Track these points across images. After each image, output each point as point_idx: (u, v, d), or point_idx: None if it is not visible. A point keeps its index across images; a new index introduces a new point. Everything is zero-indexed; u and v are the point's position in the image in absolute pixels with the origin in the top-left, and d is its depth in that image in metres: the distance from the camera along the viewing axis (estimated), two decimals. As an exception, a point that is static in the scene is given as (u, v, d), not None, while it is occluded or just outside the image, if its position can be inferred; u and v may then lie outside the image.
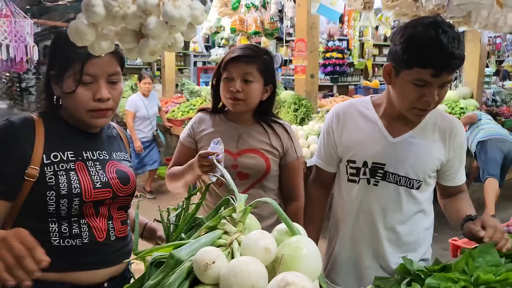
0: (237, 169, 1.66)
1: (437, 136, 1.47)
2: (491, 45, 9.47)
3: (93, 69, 1.18)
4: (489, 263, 1.19)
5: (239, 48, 1.68)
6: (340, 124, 1.55)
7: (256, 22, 4.72)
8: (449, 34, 1.23)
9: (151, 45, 0.68)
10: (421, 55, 1.25)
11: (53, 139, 1.21)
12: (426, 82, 1.28)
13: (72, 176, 1.19)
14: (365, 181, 1.50)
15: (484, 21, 4.48)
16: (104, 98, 1.20)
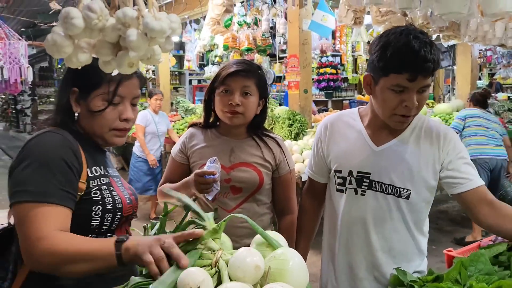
0: (230, 183, 1.65)
1: (423, 143, 1.45)
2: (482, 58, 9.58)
3: (124, 91, 1.21)
4: (482, 272, 1.18)
5: (234, 62, 1.68)
6: (328, 135, 1.58)
7: (248, 39, 4.77)
8: (421, 39, 1.26)
9: (131, 56, 0.68)
10: (395, 61, 1.28)
11: (88, 154, 1.21)
12: (403, 87, 1.30)
13: (112, 191, 1.20)
14: (352, 190, 1.50)
15: (473, 34, 4.55)
16: (130, 119, 1.24)
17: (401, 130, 1.46)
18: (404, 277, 1.30)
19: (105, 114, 1.20)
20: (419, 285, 1.21)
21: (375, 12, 3.93)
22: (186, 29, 7.52)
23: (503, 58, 8.59)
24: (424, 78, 1.28)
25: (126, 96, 1.23)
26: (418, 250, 1.54)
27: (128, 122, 1.24)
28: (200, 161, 1.69)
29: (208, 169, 1.52)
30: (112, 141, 1.25)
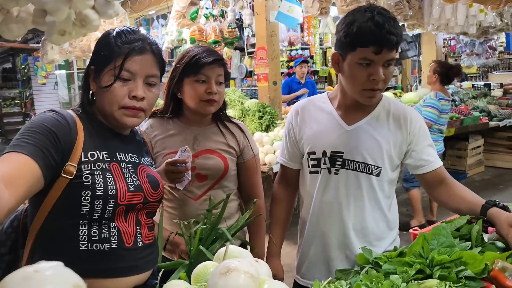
0: (195, 171, 1.64)
1: (391, 123, 1.50)
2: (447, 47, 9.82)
3: (133, 66, 1.18)
4: (443, 245, 1.20)
5: (205, 51, 1.64)
6: (299, 119, 1.60)
7: (215, 31, 4.72)
8: (384, 15, 1.33)
9: (48, 21, 0.64)
10: (361, 35, 1.33)
11: (90, 137, 1.18)
12: (370, 60, 1.35)
13: (108, 177, 1.15)
14: (326, 170, 1.52)
15: (437, 22, 4.65)
16: (139, 96, 1.18)
17: (370, 110, 1.51)
18: (370, 254, 1.31)
19: (113, 90, 1.17)
20: (384, 261, 1.22)
21: (340, 2, 3.96)
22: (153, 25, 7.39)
23: (466, 47, 8.82)
24: (389, 51, 1.33)
25: (138, 72, 1.19)
26: (389, 229, 1.58)
27: (139, 101, 1.19)
28: (163, 151, 1.67)
29: (179, 158, 1.51)
30: (123, 121, 1.20)
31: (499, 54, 10.60)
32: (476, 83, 9.32)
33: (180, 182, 1.54)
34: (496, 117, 6.49)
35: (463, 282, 1.04)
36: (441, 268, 1.10)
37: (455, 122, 5.71)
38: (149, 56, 1.21)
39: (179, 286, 0.93)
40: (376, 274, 1.11)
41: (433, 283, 1.04)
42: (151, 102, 1.24)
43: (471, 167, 6.59)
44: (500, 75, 10.26)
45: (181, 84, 1.64)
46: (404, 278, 1.06)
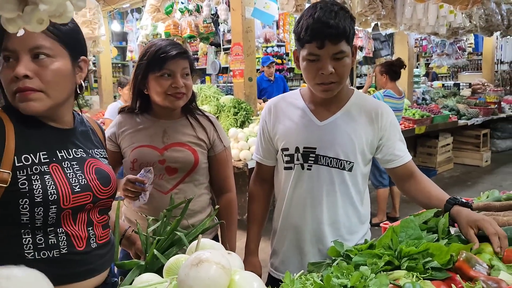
0: (164, 164, 1.62)
1: (363, 118, 1.51)
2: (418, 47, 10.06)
3: (11, 43, 1.02)
4: (412, 237, 1.23)
5: (167, 44, 1.61)
6: (273, 116, 1.60)
7: (190, 26, 4.68)
8: (327, 8, 1.35)
9: (41, 10, 0.62)
10: (304, 32, 1.36)
11: (23, 139, 1.06)
12: (316, 55, 1.37)
13: (47, 181, 1.04)
14: (299, 166, 1.53)
15: (409, 22, 4.75)
16: (18, 74, 1.01)
17: (342, 105, 1.52)
18: (341, 247, 1.33)
19: (2, 77, 1.06)
20: (354, 254, 1.24)
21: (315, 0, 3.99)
22: (127, 19, 7.28)
23: (437, 47, 9.07)
24: (333, 44, 1.34)
25: (18, 48, 1.02)
26: (361, 222, 1.60)
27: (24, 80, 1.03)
28: (132, 145, 1.65)
29: (140, 177, 1.49)
30: (21, 110, 1.06)
31: (468, 55, 10.94)
32: (446, 82, 9.60)
33: (133, 200, 1.52)
34: (465, 116, 6.70)
35: (430, 272, 1.07)
36: (409, 259, 1.13)
37: (425, 120, 5.86)
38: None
39: (151, 280, 0.92)
40: (346, 266, 1.13)
41: (401, 274, 1.06)
42: (49, 79, 1.05)
43: (440, 164, 6.78)
44: (469, 75, 10.58)
45: (146, 80, 1.62)
46: (373, 270, 1.09)
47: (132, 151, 1.63)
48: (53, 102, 1.08)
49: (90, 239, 1.14)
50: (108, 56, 7.12)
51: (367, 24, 4.82)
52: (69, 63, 1.10)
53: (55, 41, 1.07)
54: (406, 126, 5.57)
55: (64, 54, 1.09)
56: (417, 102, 7.14)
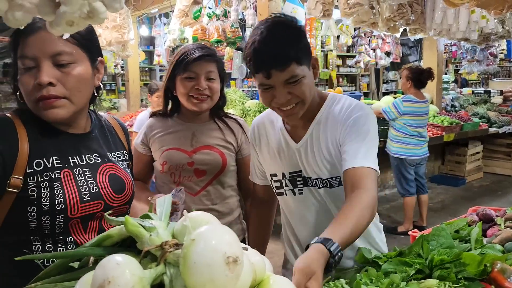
0: (193, 167, 1.64)
1: (329, 124, 1.36)
2: (448, 53, 9.85)
3: (31, 50, 1.02)
4: (443, 246, 1.20)
5: (195, 47, 1.66)
6: (257, 139, 1.52)
7: (218, 31, 4.73)
8: (268, 33, 1.20)
9: (61, 11, 0.63)
10: (248, 62, 1.26)
11: (36, 143, 1.05)
12: (267, 85, 1.25)
13: (56, 189, 1.03)
14: (290, 192, 1.45)
15: (438, 27, 4.66)
16: (42, 82, 1.00)
17: (311, 119, 1.38)
18: (369, 254, 1.30)
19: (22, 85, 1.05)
20: (383, 261, 1.22)
21: (343, 4, 3.97)
22: (155, 23, 7.40)
23: (467, 53, 8.85)
24: (280, 71, 1.20)
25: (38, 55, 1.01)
26: (375, 235, 1.49)
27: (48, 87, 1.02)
28: (162, 147, 1.69)
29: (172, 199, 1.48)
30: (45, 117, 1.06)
31: (499, 61, 10.64)
32: (476, 89, 9.35)
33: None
34: (496, 124, 6.51)
35: (462, 282, 1.04)
36: (440, 268, 1.10)
37: (454, 127, 5.73)
38: (45, 32, 0.99)
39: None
40: (376, 273, 1.11)
41: (433, 283, 1.04)
42: (72, 85, 1.04)
43: (470, 173, 6.60)
44: (500, 82, 10.29)
45: (174, 82, 1.65)
46: (403, 278, 1.06)
47: (162, 153, 1.66)
48: (76, 107, 1.08)
49: None
50: (136, 60, 7.25)
51: (395, 29, 4.75)
52: (89, 66, 1.10)
53: (74, 45, 1.06)
54: (434, 133, 5.45)
55: (84, 58, 1.08)
56: (446, 109, 6.98)
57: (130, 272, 0.58)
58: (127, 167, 1.25)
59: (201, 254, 0.57)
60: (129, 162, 1.30)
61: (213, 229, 0.61)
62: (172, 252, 0.64)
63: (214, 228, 0.61)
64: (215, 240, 0.59)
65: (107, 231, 0.74)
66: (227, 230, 0.62)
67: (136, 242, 0.71)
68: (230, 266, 0.57)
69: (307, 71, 1.26)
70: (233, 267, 0.57)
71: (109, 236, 0.73)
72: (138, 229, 0.68)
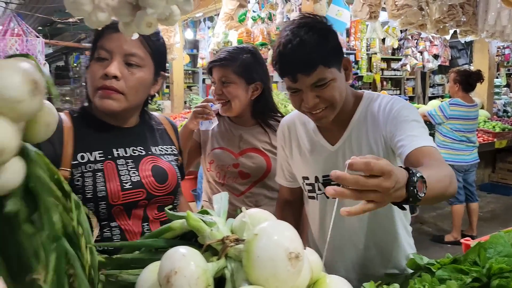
0: (238, 168, 1.68)
1: (369, 122, 1.33)
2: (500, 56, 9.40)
3: (109, 43, 1.13)
4: (501, 254, 1.15)
5: (219, 52, 1.73)
6: (287, 140, 1.49)
7: (262, 34, 4.76)
8: (293, 36, 1.18)
9: (148, 13, 0.67)
10: (274, 66, 1.24)
11: (82, 138, 1.15)
12: (294, 88, 1.24)
13: (98, 178, 1.12)
14: (322, 196, 1.41)
15: (491, 29, 4.46)
16: (109, 73, 1.11)
17: (348, 120, 1.35)
18: (421, 260, 1.27)
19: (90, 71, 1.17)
20: (437, 268, 1.18)
21: (390, 6, 3.89)
22: (200, 27, 7.55)
23: (521, 56, 8.44)
24: (306, 75, 1.18)
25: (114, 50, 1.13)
26: (406, 242, 1.46)
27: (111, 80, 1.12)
28: (212, 146, 1.73)
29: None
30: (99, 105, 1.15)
31: (556, 64, 10.05)
32: (530, 94, 8.87)
33: (205, 119, 1.61)
34: (552, 131, 6.16)
35: (524, 293, 1.00)
36: (499, 277, 1.06)
37: (507, 134, 5.47)
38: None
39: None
40: (430, 278, 1.08)
41: (492, 292, 1.00)
42: (132, 85, 1.14)
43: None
44: (557, 86, 9.69)
45: None
46: (460, 285, 1.03)
47: (211, 151, 1.70)
48: (128, 105, 1.17)
49: (144, 235, 1.17)
50: (181, 62, 7.42)
51: (445, 31, 4.60)
52: (151, 75, 1.20)
53: (147, 52, 1.17)
54: (485, 139, 5.24)
55: (150, 66, 1.19)
56: (498, 114, 6.67)
57: (195, 263, 0.60)
58: (174, 161, 1.30)
59: (264, 249, 0.58)
60: (178, 157, 1.34)
61: (275, 224, 0.62)
62: (233, 247, 0.65)
63: (277, 224, 0.62)
64: (277, 236, 0.60)
65: (169, 224, 0.77)
66: (288, 226, 0.62)
67: (195, 236, 0.74)
68: (292, 261, 0.58)
69: (337, 74, 1.23)
70: (295, 262, 0.58)
71: (171, 229, 0.75)
72: (199, 224, 0.70)
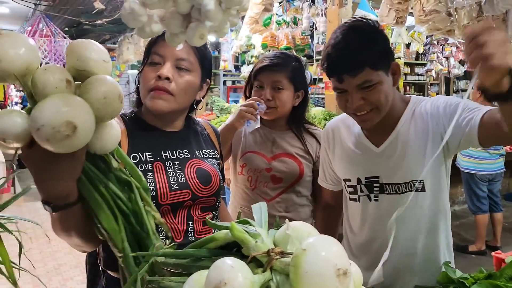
0: (271, 173, 1.68)
1: (418, 123, 1.33)
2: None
3: (162, 49, 1.20)
4: (539, 271, 1.13)
5: (268, 56, 1.71)
6: (331, 143, 1.52)
7: (287, 38, 4.77)
8: (344, 38, 1.22)
9: (207, 26, 0.68)
10: (322, 65, 1.30)
11: (134, 140, 1.21)
12: (340, 89, 1.26)
13: (149, 178, 1.15)
14: (365, 198, 1.42)
15: (523, 34, 4.36)
16: (162, 75, 1.18)
17: (395, 124, 1.36)
18: (454, 274, 1.25)
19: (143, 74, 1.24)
20: (471, 282, 1.17)
21: (418, 12, 3.84)
22: (223, 30, 7.60)
23: (550, 63, 8.20)
24: (351, 76, 1.21)
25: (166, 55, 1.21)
26: (447, 247, 1.43)
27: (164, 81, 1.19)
28: (244, 149, 1.73)
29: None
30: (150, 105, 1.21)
31: None
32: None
33: (252, 119, 1.59)
34: None
35: None
36: (538, 295, 1.03)
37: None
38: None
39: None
40: (466, 294, 1.07)
41: (531, 311, 0.98)
42: (182, 87, 1.21)
43: None
44: None
45: (251, 89, 1.72)
46: (497, 302, 1.01)
47: (243, 155, 1.71)
48: (176, 106, 1.22)
49: (188, 233, 1.22)
50: (203, 65, 7.49)
51: (473, 37, 4.52)
52: (198, 80, 1.26)
53: (196, 58, 1.24)
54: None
55: (198, 72, 1.26)
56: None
57: (242, 275, 0.60)
58: (217, 165, 1.35)
59: (312, 264, 0.58)
60: (219, 161, 1.39)
61: (323, 240, 0.62)
62: (278, 260, 0.66)
63: (324, 239, 0.62)
64: (325, 251, 0.60)
65: (212, 234, 0.78)
66: (335, 242, 0.63)
67: (236, 246, 0.75)
68: (341, 278, 0.58)
69: (384, 77, 1.25)
70: (343, 279, 0.58)
71: (214, 239, 0.76)
72: (244, 235, 0.71)
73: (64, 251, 4.26)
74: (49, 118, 0.63)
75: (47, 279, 3.66)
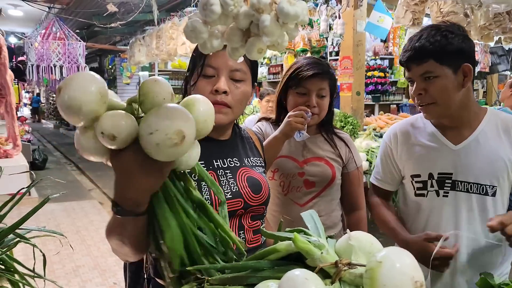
0: (303, 177, 1.68)
1: (502, 136, 1.41)
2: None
3: (216, 61, 1.19)
4: None
5: (310, 63, 1.68)
6: (399, 143, 1.56)
7: (303, 40, 4.78)
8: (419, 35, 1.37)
9: (265, 42, 0.69)
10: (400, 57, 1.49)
11: None
12: (409, 78, 1.42)
13: (203, 187, 1.15)
14: (433, 193, 1.46)
15: (539, 36, 4.33)
16: (220, 89, 1.18)
17: (475, 125, 1.43)
18: (493, 280, 1.25)
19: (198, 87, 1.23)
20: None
21: (435, 13, 3.83)
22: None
23: None
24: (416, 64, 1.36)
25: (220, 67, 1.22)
26: (504, 255, 1.46)
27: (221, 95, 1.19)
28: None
29: None
30: None
31: None
32: None
33: (301, 129, 1.59)
34: None
35: None
36: None
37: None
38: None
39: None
40: (513, 302, 1.06)
41: None
42: (238, 98, 1.21)
43: None
44: None
45: (286, 94, 1.71)
46: (547, 310, 1.01)
47: (274, 160, 1.71)
48: (234, 117, 1.24)
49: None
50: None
51: (489, 38, 4.49)
52: (250, 87, 1.27)
53: (248, 68, 1.25)
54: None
55: (249, 80, 1.27)
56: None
57: (316, 287, 0.61)
58: (263, 173, 1.35)
59: (390, 277, 0.59)
60: (264, 169, 1.39)
61: (397, 252, 0.62)
62: (347, 271, 0.66)
63: (398, 251, 0.63)
64: (400, 264, 0.60)
65: (274, 245, 0.78)
66: (408, 254, 0.63)
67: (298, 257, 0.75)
68: (418, 290, 0.58)
69: (448, 73, 1.33)
70: (420, 291, 0.58)
71: (276, 251, 0.77)
72: (308, 247, 0.71)
73: (82, 253, 4.29)
74: (165, 125, 0.65)
75: (66, 281, 3.69)
